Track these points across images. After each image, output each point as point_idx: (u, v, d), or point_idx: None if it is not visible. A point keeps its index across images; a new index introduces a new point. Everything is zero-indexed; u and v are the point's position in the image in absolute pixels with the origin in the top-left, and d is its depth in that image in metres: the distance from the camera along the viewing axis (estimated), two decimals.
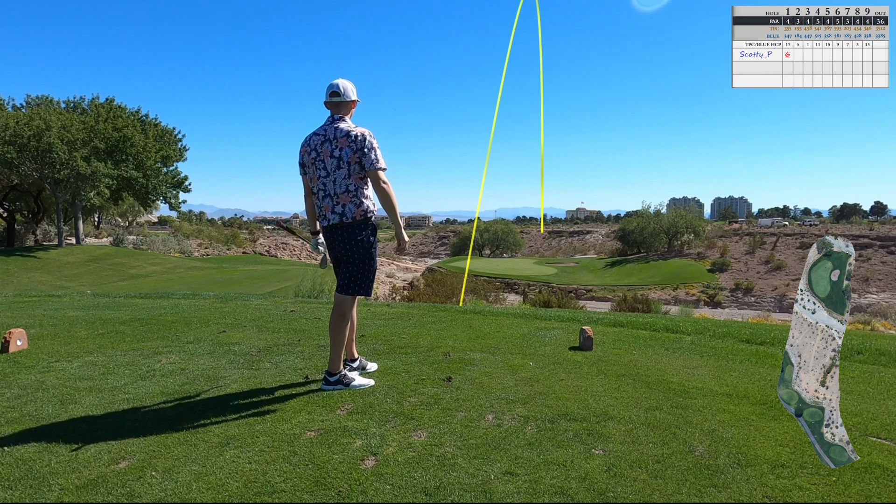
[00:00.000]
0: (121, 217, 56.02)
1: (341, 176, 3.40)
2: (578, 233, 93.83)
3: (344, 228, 3.44)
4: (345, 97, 3.46)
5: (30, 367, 3.95)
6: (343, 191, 3.41)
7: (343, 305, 3.48)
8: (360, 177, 3.41)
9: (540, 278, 45.02)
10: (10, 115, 31.03)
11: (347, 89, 3.47)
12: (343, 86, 3.46)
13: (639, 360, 4.36)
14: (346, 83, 3.48)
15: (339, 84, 3.46)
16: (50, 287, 21.99)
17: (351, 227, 3.43)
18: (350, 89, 3.48)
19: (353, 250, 3.45)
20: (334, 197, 3.43)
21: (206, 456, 2.47)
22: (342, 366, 3.50)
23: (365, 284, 3.50)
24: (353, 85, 3.51)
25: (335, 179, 3.41)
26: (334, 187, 3.42)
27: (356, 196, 3.41)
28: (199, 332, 5.27)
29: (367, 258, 3.47)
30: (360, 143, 3.35)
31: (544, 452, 2.53)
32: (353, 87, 3.51)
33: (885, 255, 50.22)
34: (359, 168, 3.38)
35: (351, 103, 3.51)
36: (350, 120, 3.51)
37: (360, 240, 3.44)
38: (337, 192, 3.42)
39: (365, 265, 3.48)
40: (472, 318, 6.28)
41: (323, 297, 11.34)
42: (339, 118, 3.47)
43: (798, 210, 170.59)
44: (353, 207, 3.41)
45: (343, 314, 3.47)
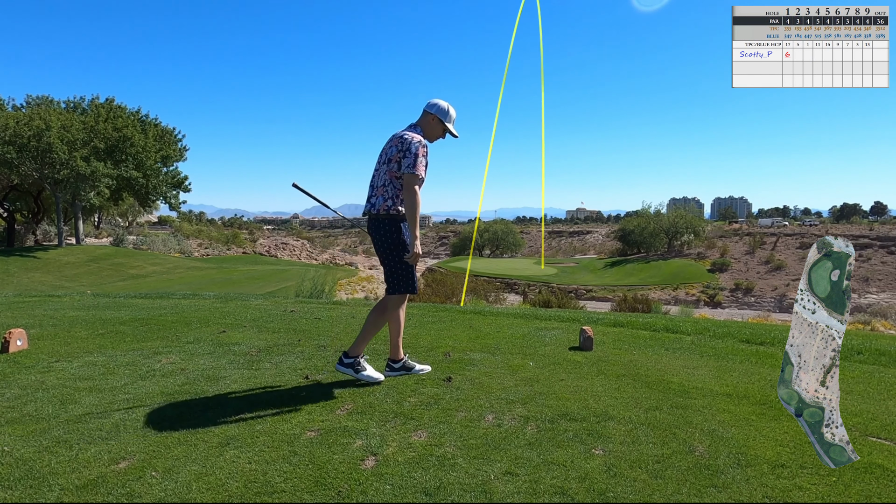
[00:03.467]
0: (121, 217, 56.02)
1: (384, 171, 3.56)
2: (578, 233, 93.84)
3: (372, 220, 3.60)
4: (425, 108, 3.65)
5: (30, 367, 3.95)
6: (381, 184, 3.57)
7: (386, 301, 3.65)
8: (396, 175, 3.52)
9: (540, 278, 45.02)
10: (10, 115, 31.04)
11: (432, 103, 3.65)
12: (432, 101, 3.66)
13: (639, 360, 4.36)
14: (438, 101, 3.64)
15: (432, 100, 3.66)
16: (50, 287, 22.01)
17: (376, 219, 3.57)
18: (434, 104, 3.64)
19: (379, 244, 3.58)
20: (374, 188, 3.61)
21: (206, 456, 2.47)
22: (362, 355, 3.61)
23: (397, 282, 3.58)
24: (446, 106, 3.63)
25: (380, 173, 3.60)
26: (377, 179, 3.61)
27: (387, 191, 3.54)
28: (199, 332, 5.27)
29: (392, 254, 3.56)
30: (405, 145, 3.49)
31: (544, 452, 2.53)
32: (446, 108, 3.63)
33: (885, 255, 50.21)
34: (397, 167, 3.51)
35: (429, 116, 3.64)
36: (422, 132, 3.62)
37: (383, 234, 3.55)
38: (376, 185, 3.60)
39: (391, 261, 3.57)
40: (473, 318, 6.28)
41: (323, 298, 11.34)
42: (412, 125, 3.65)
43: (798, 210, 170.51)
44: (381, 200, 3.54)
45: (383, 308, 3.64)
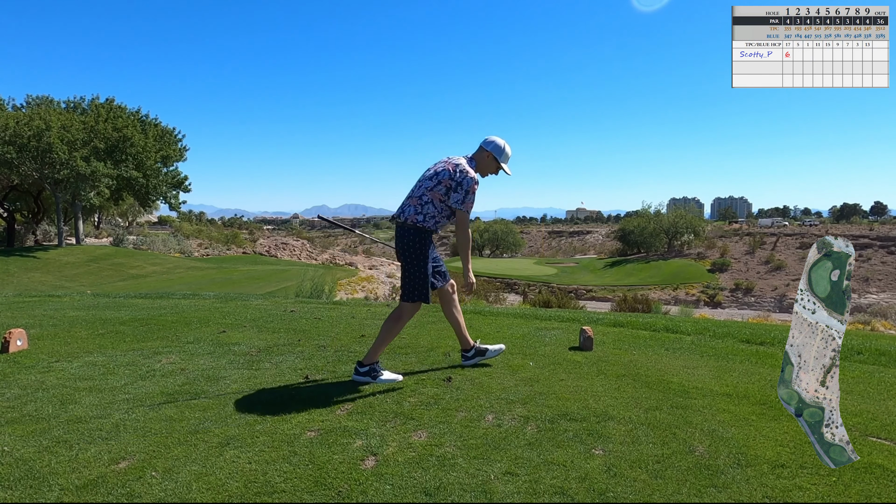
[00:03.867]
0: (121, 217, 56.01)
1: (426, 186, 3.62)
2: (578, 233, 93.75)
3: (399, 226, 3.67)
4: (482, 144, 3.74)
5: (30, 367, 3.95)
6: (417, 196, 3.63)
7: (401, 310, 3.68)
8: (438, 196, 3.58)
9: (540, 278, 45.01)
10: (10, 115, 31.01)
11: (489, 140, 3.73)
12: (489, 138, 3.74)
13: (639, 360, 4.36)
14: (496, 139, 3.72)
15: (489, 137, 3.74)
16: (50, 287, 22.00)
17: (403, 227, 3.64)
18: (491, 141, 3.72)
19: (401, 250, 3.64)
20: (410, 198, 3.67)
21: (206, 456, 2.47)
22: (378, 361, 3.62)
23: (412, 290, 3.62)
24: (503, 145, 3.71)
25: (421, 186, 3.66)
26: (416, 190, 3.67)
27: (421, 206, 3.59)
28: (199, 332, 5.27)
29: (411, 261, 3.60)
30: (459, 178, 3.56)
31: (544, 452, 2.53)
32: (502, 147, 3.71)
33: (885, 255, 50.20)
34: (444, 191, 3.57)
35: (485, 152, 3.71)
36: (475, 166, 3.69)
37: (407, 241, 3.61)
38: (413, 195, 3.67)
39: (409, 268, 3.62)
40: (473, 318, 6.28)
41: (323, 298, 11.34)
42: (469, 157, 3.73)
43: (798, 210, 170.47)
44: (412, 212, 3.61)
45: (398, 317, 3.66)
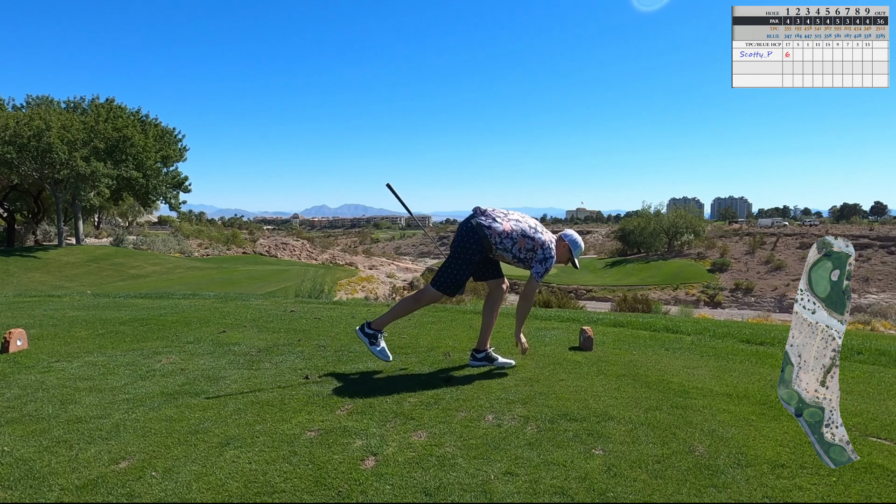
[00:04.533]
0: (121, 217, 56.02)
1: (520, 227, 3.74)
2: (579, 233, 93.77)
3: (467, 220, 3.79)
4: (561, 234, 4.04)
5: (30, 367, 3.95)
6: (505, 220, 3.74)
7: (425, 291, 3.84)
8: (523, 244, 3.73)
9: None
10: (10, 115, 31.05)
11: (568, 234, 4.03)
12: (568, 231, 4.05)
13: (639, 360, 4.36)
14: (574, 235, 4.06)
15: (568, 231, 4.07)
16: (50, 287, 22.01)
17: (468, 222, 3.76)
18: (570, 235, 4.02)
19: (456, 243, 3.76)
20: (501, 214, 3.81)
21: (206, 456, 2.47)
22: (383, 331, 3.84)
23: (444, 278, 3.75)
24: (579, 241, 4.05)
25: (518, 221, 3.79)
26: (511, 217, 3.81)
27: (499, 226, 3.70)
28: (199, 332, 5.27)
29: (457, 252, 3.72)
30: (547, 254, 3.78)
31: (544, 452, 2.53)
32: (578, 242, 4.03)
33: (885, 255, 50.22)
34: (530, 247, 3.74)
35: (563, 243, 3.99)
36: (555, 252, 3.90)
37: (463, 235, 3.72)
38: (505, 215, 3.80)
39: (452, 258, 3.75)
40: (473, 318, 6.28)
41: (323, 297, 11.33)
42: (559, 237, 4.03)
43: (798, 210, 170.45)
44: (488, 221, 3.71)
45: (418, 298, 3.86)
